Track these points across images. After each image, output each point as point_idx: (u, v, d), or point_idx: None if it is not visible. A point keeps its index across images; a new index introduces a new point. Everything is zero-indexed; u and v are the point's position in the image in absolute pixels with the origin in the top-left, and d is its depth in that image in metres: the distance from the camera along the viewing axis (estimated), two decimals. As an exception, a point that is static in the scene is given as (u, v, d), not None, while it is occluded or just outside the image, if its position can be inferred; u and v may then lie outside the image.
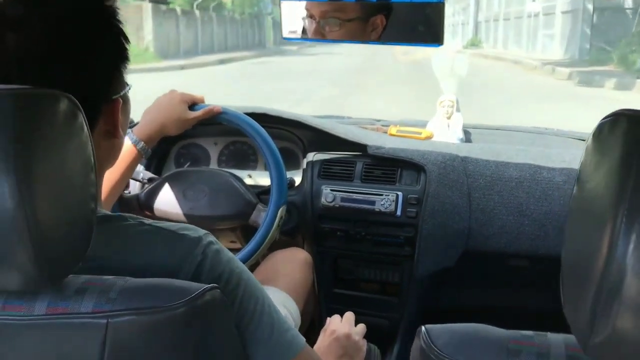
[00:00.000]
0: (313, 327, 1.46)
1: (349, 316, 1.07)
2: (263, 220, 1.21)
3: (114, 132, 0.71)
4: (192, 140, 1.60)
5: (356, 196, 1.40)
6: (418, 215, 1.37)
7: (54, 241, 0.54)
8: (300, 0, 1.02)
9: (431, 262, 1.39)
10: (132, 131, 1.15)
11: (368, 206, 1.39)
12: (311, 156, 1.49)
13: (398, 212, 1.37)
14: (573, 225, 0.49)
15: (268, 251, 1.27)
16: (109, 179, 1.07)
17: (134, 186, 1.40)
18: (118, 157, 0.77)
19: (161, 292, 0.59)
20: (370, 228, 1.42)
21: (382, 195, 1.38)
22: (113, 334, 0.56)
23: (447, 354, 0.55)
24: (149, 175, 1.35)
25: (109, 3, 0.68)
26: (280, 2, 1.09)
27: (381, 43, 0.99)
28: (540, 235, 1.33)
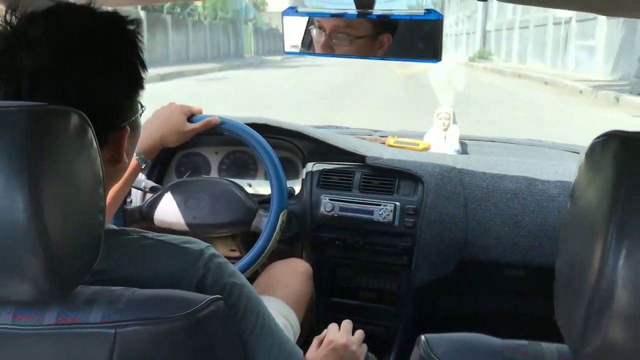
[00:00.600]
0: (312, 337, 1.47)
1: (347, 325, 1.05)
2: (265, 225, 1.23)
3: (118, 158, 0.71)
4: (193, 149, 1.61)
5: (355, 206, 1.42)
6: (415, 225, 1.39)
7: (65, 253, 0.56)
8: (306, 15, 1.05)
9: (428, 271, 1.41)
10: None
11: (366, 216, 1.41)
12: (310, 166, 1.51)
13: (396, 222, 1.39)
14: (566, 238, 0.51)
15: (268, 261, 1.28)
16: (110, 191, 1.09)
17: (136, 195, 1.42)
18: (121, 178, 0.78)
19: (168, 303, 0.61)
20: (368, 237, 1.44)
21: (380, 205, 1.40)
22: (121, 344, 0.58)
23: None
24: (151, 184, 1.37)
25: (131, 27, 0.68)
26: (282, 16, 1.11)
27: (383, 59, 1.02)
28: (535, 246, 1.35)
